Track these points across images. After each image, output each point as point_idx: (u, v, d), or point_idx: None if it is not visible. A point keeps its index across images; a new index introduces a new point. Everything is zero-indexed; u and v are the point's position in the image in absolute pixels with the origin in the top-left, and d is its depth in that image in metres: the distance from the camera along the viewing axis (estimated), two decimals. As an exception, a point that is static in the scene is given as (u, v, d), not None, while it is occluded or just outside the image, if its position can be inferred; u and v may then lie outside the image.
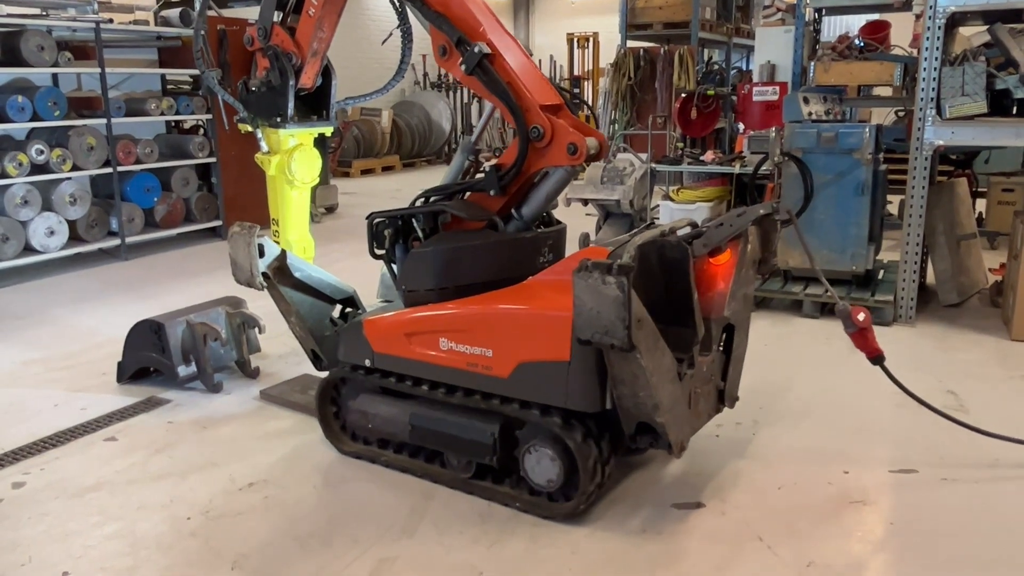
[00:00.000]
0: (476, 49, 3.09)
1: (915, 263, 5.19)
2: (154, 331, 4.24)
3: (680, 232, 2.94)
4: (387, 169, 15.22)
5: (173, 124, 8.61)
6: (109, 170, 7.23)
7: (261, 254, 3.57)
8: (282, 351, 4.78)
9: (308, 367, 4.50)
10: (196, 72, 8.21)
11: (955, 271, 5.58)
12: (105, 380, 4.44)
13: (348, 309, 3.83)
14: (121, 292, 6.37)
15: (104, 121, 7.15)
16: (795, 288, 5.53)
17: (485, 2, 3.30)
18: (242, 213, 8.55)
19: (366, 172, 14.63)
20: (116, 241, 7.42)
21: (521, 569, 2.71)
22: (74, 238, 7.15)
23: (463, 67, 3.14)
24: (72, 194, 7.02)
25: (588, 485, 2.88)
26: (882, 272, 5.94)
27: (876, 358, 3.32)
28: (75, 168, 6.95)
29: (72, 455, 3.59)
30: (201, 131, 8.45)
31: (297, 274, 3.71)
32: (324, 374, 3.65)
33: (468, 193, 3.38)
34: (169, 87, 8.57)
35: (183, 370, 4.25)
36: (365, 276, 3.72)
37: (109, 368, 4.48)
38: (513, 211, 3.29)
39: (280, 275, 3.66)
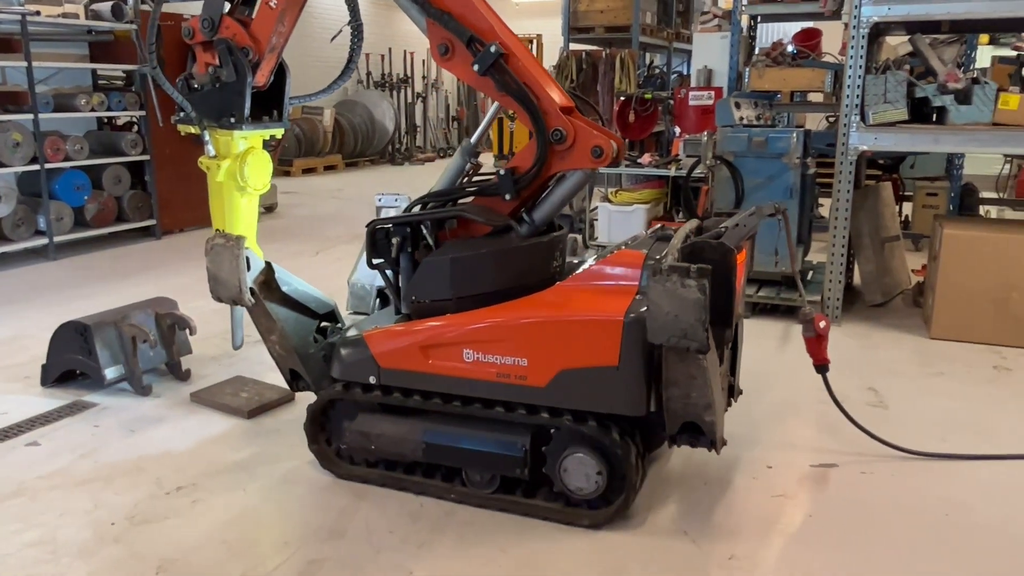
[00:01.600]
0: (492, 48, 2.93)
1: (841, 264, 5.37)
2: (80, 333, 4.14)
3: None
4: (329, 168, 15.07)
5: (105, 121, 8.39)
6: (36, 167, 7.01)
7: (247, 267, 3.24)
8: (214, 353, 4.71)
9: (241, 368, 4.46)
10: (129, 67, 8.03)
11: (880, 272, 5.78)
12: (28, 384, 4.32)
13: (325, 324, 3.57)
14: (48, 293, 6.19)
15: (31, 116, 6.93)
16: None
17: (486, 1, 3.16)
18: (178, 212, 8.41)
19: (308, 171, 14.47)
20: (44, 240, 7.20)
21: (452, 569, 2.74)
22: (-1, 237, 6.92)
23: (476, 67, 2.96)
24: (-3, 192, 6.79)
25: (633, 486, 2.87)
26: (811, 273, 6.12)
27: (821, 367, 3.43)
28: (0, 165, 6.72)
29: (-9, 461, 3.49)
30: (134, 128, 8.25)
31: (284, 288, 3.41)
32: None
33: (474, 197, 3.23)
34: (101, 82, 8.35)
35: (110, 373, 4.15)
36: (305, 278, 3.60)
37: (33, 371, 4.36)
38: (524, 215, 3.14)
39: (266, 290, 3.35)
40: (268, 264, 3.39)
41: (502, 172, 3.08)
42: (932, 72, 5.19)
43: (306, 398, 3.54)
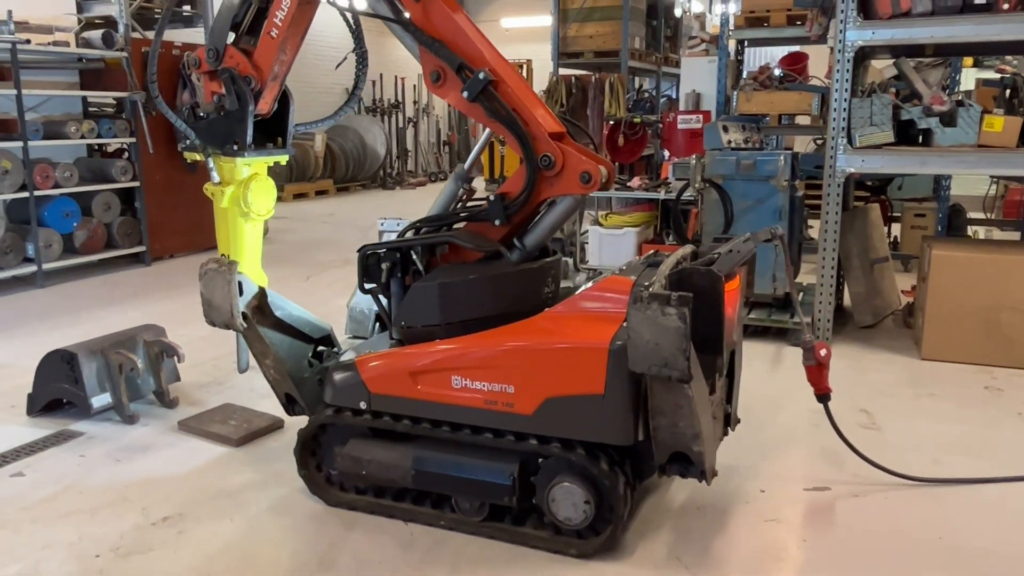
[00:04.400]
0: (480, 75, 2.96)
1: (831, 286, 5.38)
2: (66, 361, 4.10)
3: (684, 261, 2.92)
4: (321, 193, 15.09)
5: (96, 148, 8.39)
6: (25, 194, 6.99)
7: (240, 292, 3.26)
8: (203, 380, 4.66)
9: (229, 396, 4.42)
10: (120, 95, 8.04)
11: (869, 293, 5.79)
12: (14, 413, 4.27)
13: (321, 348, 3.58)
14: (35, 321, 6.14)
15: (20, 144, 6.92)
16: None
17: (474, 24, 3.19)
18: (168, 239, 8.39)
19: (299, 196, 14.48)
20: (32, 268, 7.16)
21: (441, 598, 2.69)
22: (-14, 265, 6.88)
23: (465, 94, 3.00)
24: (-15, 219, 6.77)
25: (621, 516, 2.84)
26: (801, 295, 6.13)
27: (823, 396, 3.39)
28: (-12, 192, 6.72)
29: (-26, 493, 3.44)
30: (125, 155, 8.25)
31: (278, 313, 3.42)
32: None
33: (465, 223, 3.23)
34: (91, 109, 8.36)
35: (97, 401, 4.11)
36: (297, 303, 3.59)
37: (19, 400, 4.31)
38: (515, 241, 3.13)
39: (259, 315, 3.36)
40: (261, 289, 3.39)
41: (492, 198, 3.08)
42: (917, 95, 5.25)
43: (296, 425, 3.50)
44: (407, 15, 3.10)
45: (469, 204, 3.38)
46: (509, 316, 2.98)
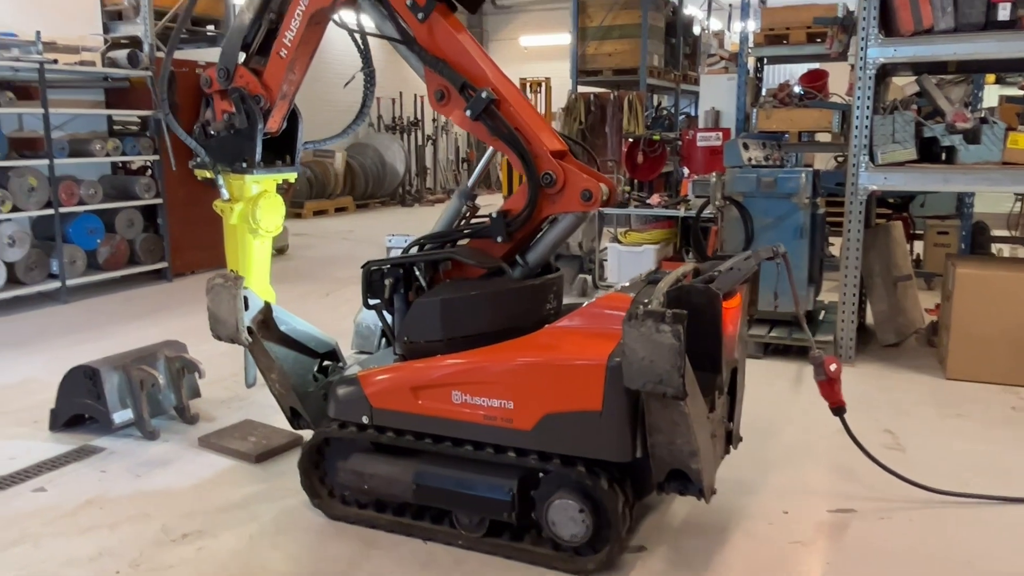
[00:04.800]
0: (483, 94, 3.00)
1: (853, 304, 5.32)
2: (89, 377, 4.13)
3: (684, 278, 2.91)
4: (340, 210, 15.18)
5: (120, 165, 8.49)
6: (50, 211, 7.08)
7: (245, 307, 3.31)
8: (223, 396, 4.68)
9: (249, 412, 4.44)
10: (144, 113, 8.15)
11: (892, 312, 5.73)
12: (37, 428, 4.30)
13: (327, 363, 3.62)
14: (59, 336, 6.20)
15: (46, 162, 7.02)
16: (739, 329, 5.61)
17: (478, 44, 3.24)
18: (189, 255, 8.46)
19: (319, 213, 14.58)
20: (56, 284, 7.24)
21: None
22: (12, 281, 6.96)
23: (468, 113, 3.04)
24: (11, 236, 6.85)
25: (619, 534, 2.82)
26: (823, 313, 6.07)
27: (838, 409, 3.37)
28: (15, 209, 6.80)
29: (-3, 507, 3.46)
30: (148, 172, 8.34)
31: (282, 327, 3.48)
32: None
33: (468, 240, 3.26)
34: (116, 128, 8.47)
35: (118, 417, 4.13)
36: (315, 319, 3.60)
37: (42, 415, 4.34)
38: (518, 257, 3.16)
39: (264, 329, 3.41)
40: (267, 304, 3.45)
41: (494, 215, 3.12)
42: (940, 112, 5.21)
43: (314, 442, 3.50)
44: (412, 35, 3.14)
45: (473, 221, 3.41)
46: (511, 332, 3.00)
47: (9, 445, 4.09)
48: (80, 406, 4.20)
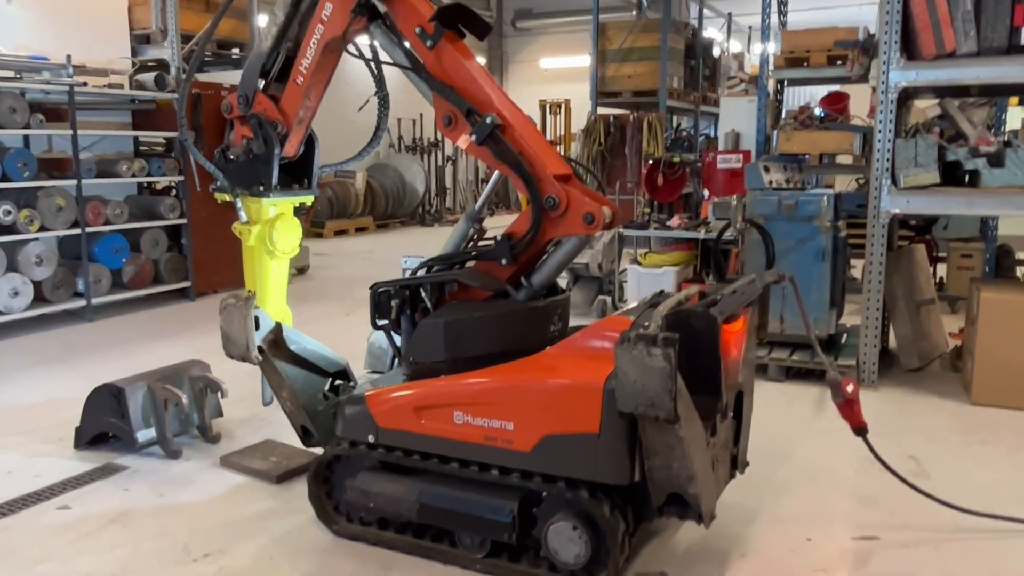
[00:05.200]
0: (488, 120, 3.06)
1: (876, 328, 5.28)
2: (114, 396, 4.18)
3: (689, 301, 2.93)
4: (361, 230, 15.29)
5: (145, 185, 8.62)
6: (77, 231, 7.20)
7: (256, 327, 3.40)
8: (244, 416, 4.71)
9: (270, 432, 4.46)
10: (170, 134, 8.28)
11: (916, 336, 5.68)
12: (62, 445, 4.35)
13: (338, 382, 3.68)
14: (84, 354, 6.28)
15: (74, 182, 7.14)
16: (760, 352, 5.58)
17: (486, 71, 3.30)
18: (212, 274, 8.55)
19: (339, 233, 14.69)
20: (82, 302, 7.34)
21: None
22: (39, 299, 7.06)
23: (474, 137, 3.11)
24: (39, 255, 6.96)
25: (618, 559, 2.81)
26: (845, 336, 6.02)
27: (860, 429, 3.34)
28: (43, 229, 6.91)
29: (22, 524, 3.49)
30: (172, 192, 8.47)
31: (292, 347, 3.56)
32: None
33: (474, 262, 3.31)
34: (142, 148, 8.61)
35: (142, 436, 4.17)
36: (336, 339, 3.66)
37: (67, 433, 4.39)
38: (523, 279, 3.21)
39: (275, 348, 3.49)
40: (278, 324, 3.53)
41: (499, 238, 3.16)
42: (963, 135, 5.19)
43: (335, 463, 3.51)
44: (421, 62, 3.21)
45: (480, 243, 3.45)
46: (515, 353, 3.02)
47: (35, 463, 4.14)
48: (105, 424, 4.24)
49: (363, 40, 3.46)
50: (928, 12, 4.78)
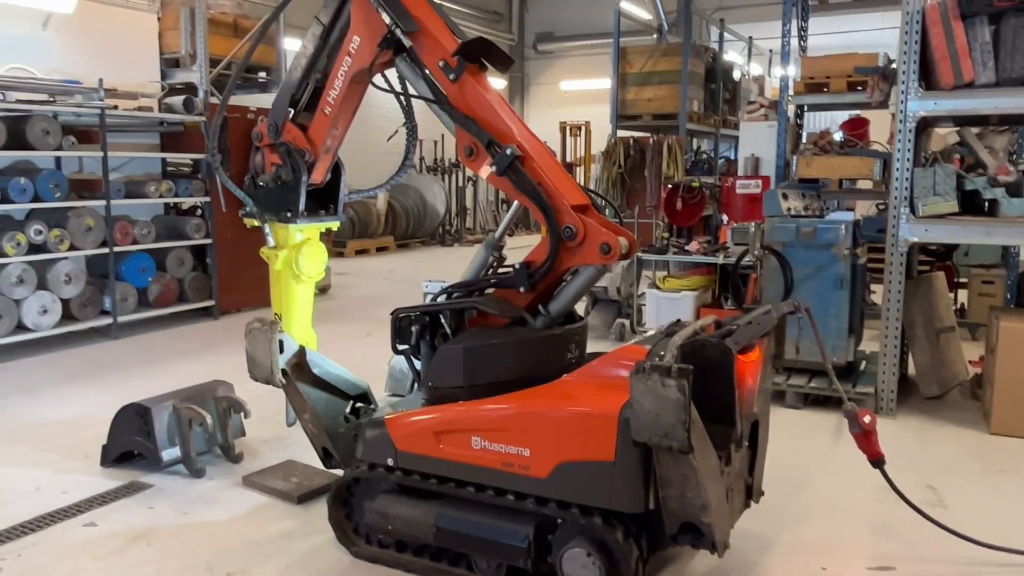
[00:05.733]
0: (508, 151, 3.13)
1: (895, 356, 5.28)
2: (140, 415, 4.27)
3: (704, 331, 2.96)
4: (381, 250, 15.42)
5: (171, 205, 8.79)
6: (105, 250, 7.35)
7: (281, 350, 3.50)
8: (266, 436, 4.79)
9: (292, 452, 4.53)
10: (196, 156, 8.45)
11: (935, 364, 5.66)
12: (89, 463, 4.44)
13: (359, 404, 3.76)
14: (110, 372, 6.40)
15: (104, 203, 7.31)
16: (778, 379, 5.60)
17: (507, 102, 3.37)
18: (236, 294, 8.69)
19: (360, 252, 14.83)
20: (108, 320, 7.48)
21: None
22: (67, 316, 7.21)
23: (494, 168, 3.17)
24: (68, 273, 7.12)
25: None
26: (864, 363, 6.01)
27: (877, 461, 3.35)
28: (72, 248, 7.07)
29: (50, 541, 3.58)
30: (198, 213, 8.62)
31: (315, 370, 3.64)
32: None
33: (493, 289, 3.37)
34: (169, 169, 8.79)
35: (167, 455, 4.26)
36: (355, 360, 3.73)
37: (93, 450, 4.49)
38: (540, 307, 3.25)
39: (298, 371, 3.58)
40: (301, 348, 3.61)
41: (517, 266, 3.22)
42: (982, 164, 5.20)
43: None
44: (444, 95, 3.30)
45: (500, 271, 3.51)
46: (532, 380, 3.07)
47: (63, 479, 4.24)
48: (131, 443, 4.34)
49: (391, 72, 3.56)
50: (946, 43, 4.82)
